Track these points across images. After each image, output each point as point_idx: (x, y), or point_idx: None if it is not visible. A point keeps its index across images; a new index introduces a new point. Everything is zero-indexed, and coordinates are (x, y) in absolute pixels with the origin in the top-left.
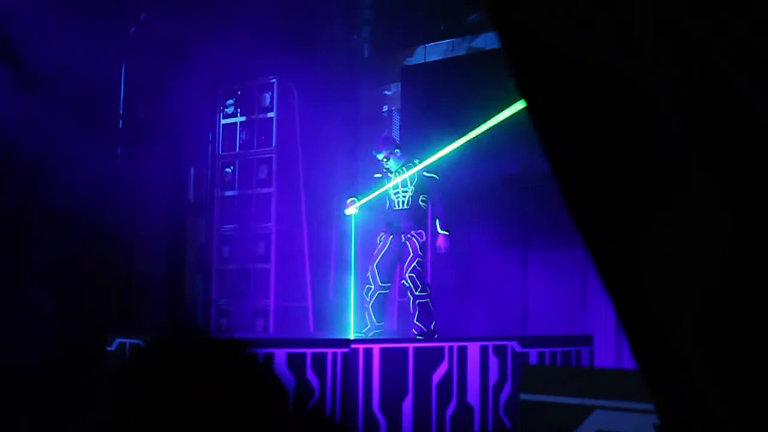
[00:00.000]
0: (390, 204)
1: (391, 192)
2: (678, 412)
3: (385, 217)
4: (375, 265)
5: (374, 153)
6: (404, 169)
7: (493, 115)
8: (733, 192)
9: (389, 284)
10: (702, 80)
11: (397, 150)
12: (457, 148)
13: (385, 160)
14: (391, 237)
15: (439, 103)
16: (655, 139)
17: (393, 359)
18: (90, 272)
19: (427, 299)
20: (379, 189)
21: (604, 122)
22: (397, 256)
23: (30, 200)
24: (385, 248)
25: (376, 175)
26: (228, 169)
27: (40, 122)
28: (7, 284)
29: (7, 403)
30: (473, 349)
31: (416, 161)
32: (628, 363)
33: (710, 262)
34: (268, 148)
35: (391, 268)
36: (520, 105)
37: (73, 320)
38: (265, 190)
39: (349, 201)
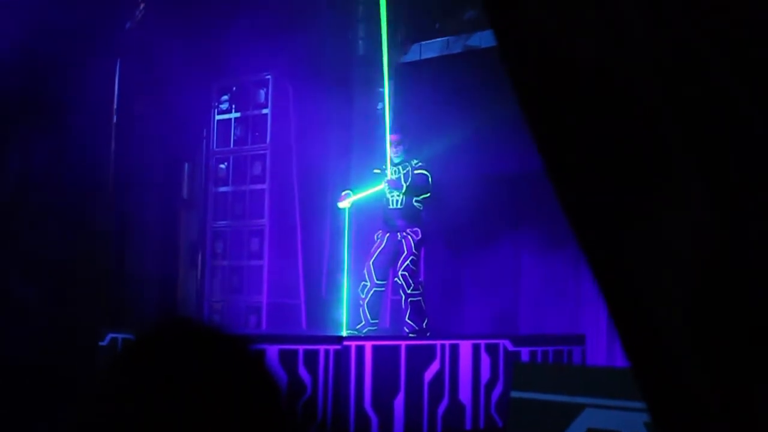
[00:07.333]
0: (386, 202)
1: (387, 190)
2: (670, 409)
3: (382, 215)
4: (371, 262)
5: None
6: (402, 167)
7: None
8: (723, 192)
9: (385, 282)
10: (697, 83)
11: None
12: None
13: (394, 146)
14: (388, 235)
15: (433, 100)
16: (647, 139)
17: (385, 357)
18: (82, 268)
19: (420, 297)
20: (376, 185)
21: (597, 122)
22: (394, 254)
23: (21, 195)
24: (382, 246)
25: (375, 171)
26: (222, 165)
27: (32, 117)
28: None
29: None
30: (465, 347)
31: (414, 162)
32: (619, 363)
33: (698, 258)
34: (262, 145)
35: (387, 266)
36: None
37: (64, 316)
38: (258, 186)
39: (343, 194)
